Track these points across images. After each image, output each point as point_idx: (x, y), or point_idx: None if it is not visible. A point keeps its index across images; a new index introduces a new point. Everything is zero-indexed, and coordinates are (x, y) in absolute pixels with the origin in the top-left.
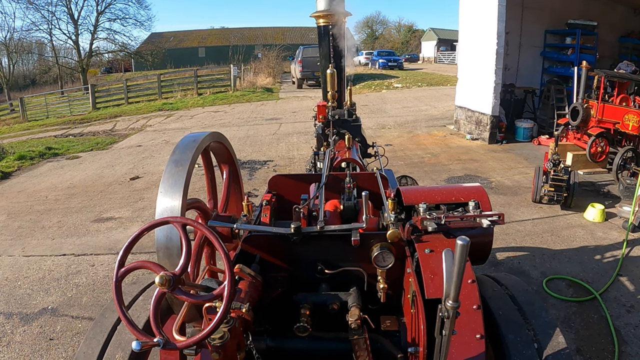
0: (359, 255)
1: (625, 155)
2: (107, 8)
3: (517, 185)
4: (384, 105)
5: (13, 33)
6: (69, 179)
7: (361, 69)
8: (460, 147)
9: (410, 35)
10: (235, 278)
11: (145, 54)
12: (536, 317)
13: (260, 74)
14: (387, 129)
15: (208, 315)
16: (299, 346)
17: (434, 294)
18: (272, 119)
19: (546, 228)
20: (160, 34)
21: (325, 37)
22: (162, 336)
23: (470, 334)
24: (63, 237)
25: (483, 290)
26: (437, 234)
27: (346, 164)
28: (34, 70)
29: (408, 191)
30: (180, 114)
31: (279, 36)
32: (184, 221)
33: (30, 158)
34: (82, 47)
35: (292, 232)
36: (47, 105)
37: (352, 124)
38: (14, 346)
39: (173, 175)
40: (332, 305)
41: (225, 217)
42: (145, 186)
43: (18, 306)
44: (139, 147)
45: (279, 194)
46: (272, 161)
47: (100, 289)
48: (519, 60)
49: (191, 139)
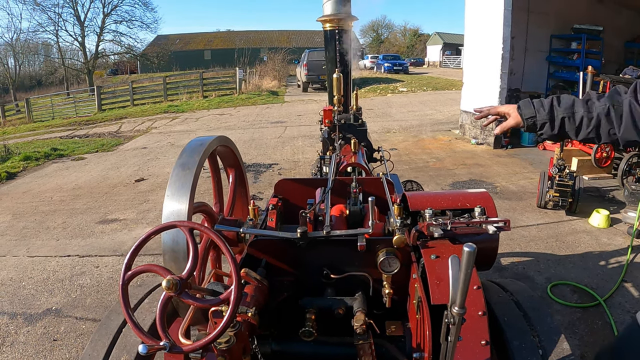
0: (365, 261)
1: (631, 160)
2: (114, 10)
3: (522, 190)
4: (389, 109)
5: (19, 34)
6: (74, 180)
7: (366, 73)
8: (466, 152)
9: (415, 39)
10: (241, 282)
11: (151, 56)
12: (541, 323)
13: (265, 77)
14: (393, 133)
15: (214, 319)
16: (304, 350)
17: (439, 300)
18: (278, 122)
19: (551, 233)
20: (166, 37)
21: (331, 42)
22: (168, 340)
23: (476, 340)
24: (68, 238)
25: (488, 296)
26: (443, 240)
27: (352, 168)
28: (40, 71)
29: (414, 196)
30: (185, 116)
31: (285, 39)
32: (190, 225)
33: (36, 159)
34: (88, 48)
35: (299, 236)
36: (53, 106)
37: (358, 128)
38: (18, 346)
39: (180, 178)
40: (338, 309)
41: (232, 221)
42: (150, 188)
43: (22, 306)
44: (144, 149)
45: (284, 198)
46: (277, 164)
47: (104, 290)
48: (524, 64)
49: (198, 143)
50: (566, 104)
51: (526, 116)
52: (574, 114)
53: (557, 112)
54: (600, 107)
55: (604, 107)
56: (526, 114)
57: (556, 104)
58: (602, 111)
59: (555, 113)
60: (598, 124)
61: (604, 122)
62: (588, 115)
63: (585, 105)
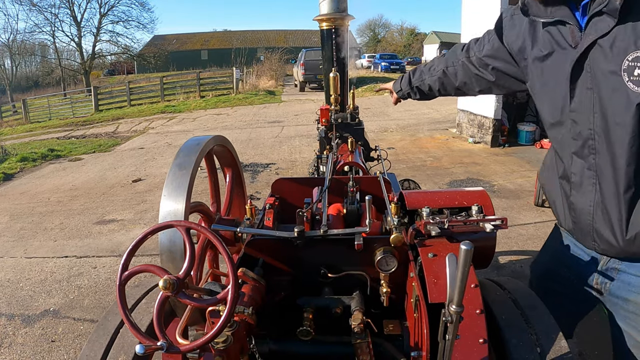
0: (362, 259)
1: None
2: (110, 10)
3: (520, 189)
4: (386, 108)
5: (16, 35)
6: (72, 181)
7: (363, 72)
8: (463, 151)
9: (412, 38)
10: (238, 282)
11: (147, 57)
12: (539, 321)
13: (262, 76)
14: (390, 132)
15: (211, 319)
16: (301, 350)
17: (437, 299)
18: (275, 121)
19: (548, 231)
20: (162, 37)
21: (328, 41)
22: (165, 340)
23: (474, 338)
24: (65, 239)
25: (486, 294)
26: (441, 238)
27: (349, 167)
28: (37, 72)
29: (411, 195)
30: (182, 116)
31: (282, 39)
32: (187, 225)
33: (33, 160)
34: (85, 49)
35: (296, 235)
36: (50, 107)
37: (355, 128)
38: (16, 348)
39: (177, 178)
40: (335, 309)
41: (229, 221)
42: (148, 188)
43: (20, 308)
44: (141, 150)
45: (282, 197)
46: (275, 164)
47: (102, 291)
48: None
49: (195, 143)
50: (418, 75)
51: (396, 90)
52: (423, 81)
53: (413, 82)
54: (439, 70)
55: (441, 70)
56: (396, 89)
57: (411, 76)
58: (441, 74)
59: (412, 84)
60: (442, 84)
61: (446, 81)
62: (431, 78)
63: (429, 72)
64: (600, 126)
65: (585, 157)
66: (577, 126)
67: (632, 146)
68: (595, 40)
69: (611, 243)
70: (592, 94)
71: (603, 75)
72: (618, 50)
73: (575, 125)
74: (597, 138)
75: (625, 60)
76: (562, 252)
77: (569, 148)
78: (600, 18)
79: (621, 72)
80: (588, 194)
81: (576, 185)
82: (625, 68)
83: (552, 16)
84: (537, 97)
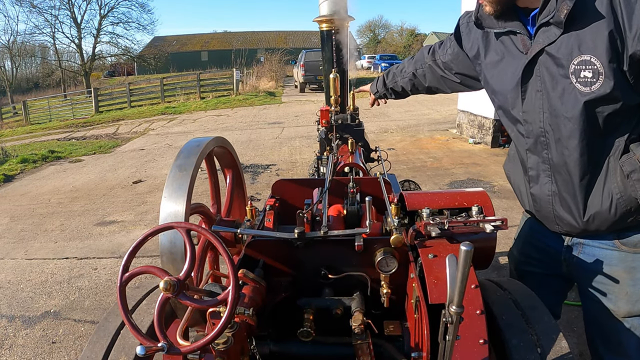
0: (363, 260)
1: None
2: (110, 12)
3: None
4: (386, 109)
5: (16, 36)
6: (72, 182)
7: (364, 73)
8: (463, 151)
9: (412, 39)
10: (239, 283)
11: (148, 58)
12: (539, 321)
13: (262, 78)
14: (390, 133)
15: (212, 320)
16: (302, 351)
17: (437, 299)
18: (275, 122)
19: None
20: (163, 38)
21: (328, 42)
22: (166, 341)
23: (474, 339)
24: (66, 241)
25: (486, 295)
26: (441, 239)
27: (349, 168)
28: (37, 73)
29: (411, 196)
30: (183, 117)
31: (282, 40)
32: (187, 226)
33: (33, 161)
34: (85, 50)
35: (296, 236)
36: (50, 109)
37: (355, 129)
38: (17, 349)
39: (177, 180)
40: (336, 310)
41: (229, 222)
42: (148, 190)
43: (20, 309)
44: (141, 151)
45: (282, 198)
46: (275, 165)
47: (102, 292)
48: None
49: (195, 144)
50: (391, 77)
51: (374, 91)
52: (396, 82)
53: (387, 84)
54: (409, 72)
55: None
56: (373, 90)
57: (385, 78)
58: (411, 76)
59: (386, 85)
60: (413, 85)
61: (416, 82)
62: (402, 80)
63: (400, 74)
64: (550, 124)
65: (539, 153)
66: (529, 125)
67: (583, 139)
68: (543, 48)
69: (572, 225)
70: (541, 95)
71: (552, 78)
72: (564, 55)
73: (527, 124)
74: (547, 135)
75: (572, 64)
76: (531, 236)
77: (524, 145)
78: (548, 28)
79: (569, 74)
80: (545, 185)
81: (534, 178)
82: (572, 71)
83: (504, 27)
84: (492, 99)
